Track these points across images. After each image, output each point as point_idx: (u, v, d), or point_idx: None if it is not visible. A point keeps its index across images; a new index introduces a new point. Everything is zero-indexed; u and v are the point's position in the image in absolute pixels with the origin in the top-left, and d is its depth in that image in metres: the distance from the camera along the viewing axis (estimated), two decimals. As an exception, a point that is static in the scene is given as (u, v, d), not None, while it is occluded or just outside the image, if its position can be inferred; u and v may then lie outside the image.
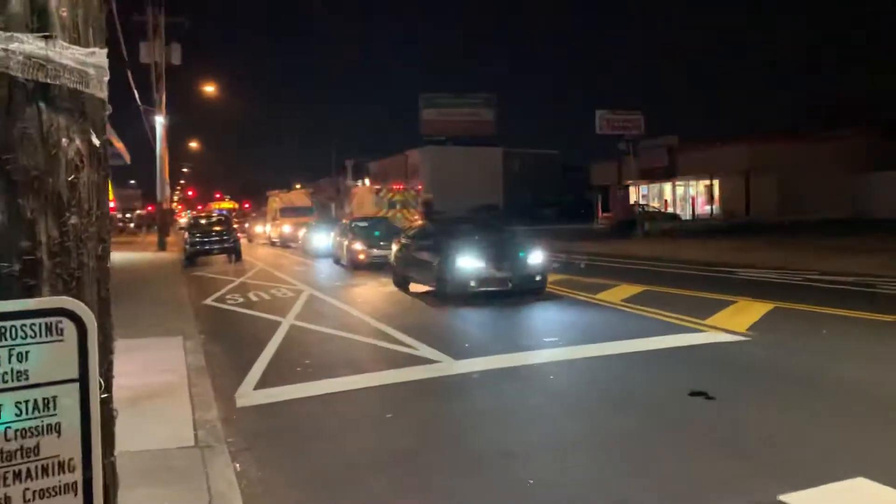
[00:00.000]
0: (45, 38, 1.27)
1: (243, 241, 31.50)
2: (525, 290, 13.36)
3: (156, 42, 30.24)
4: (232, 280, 19.27)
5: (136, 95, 27.82)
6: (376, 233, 22.90)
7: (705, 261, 19.66)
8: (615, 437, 5.71)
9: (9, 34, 1.22)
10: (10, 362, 1.21)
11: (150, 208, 62.75)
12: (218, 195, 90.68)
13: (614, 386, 7.26)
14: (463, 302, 12.83)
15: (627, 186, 48.49)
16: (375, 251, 20.71)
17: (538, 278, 13.51)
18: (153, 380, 7.26)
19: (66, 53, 1.30)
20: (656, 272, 17.13)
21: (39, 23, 1.27)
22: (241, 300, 14.93)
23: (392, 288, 16.32)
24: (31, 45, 1.24)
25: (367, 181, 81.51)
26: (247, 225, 46.33)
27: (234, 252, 26.48)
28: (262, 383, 7.63)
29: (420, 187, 42.27)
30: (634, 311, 11.61)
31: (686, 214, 48.45)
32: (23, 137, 1.25)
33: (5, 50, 1.21)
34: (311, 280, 19.04)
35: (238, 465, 5.15)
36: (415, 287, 15.51)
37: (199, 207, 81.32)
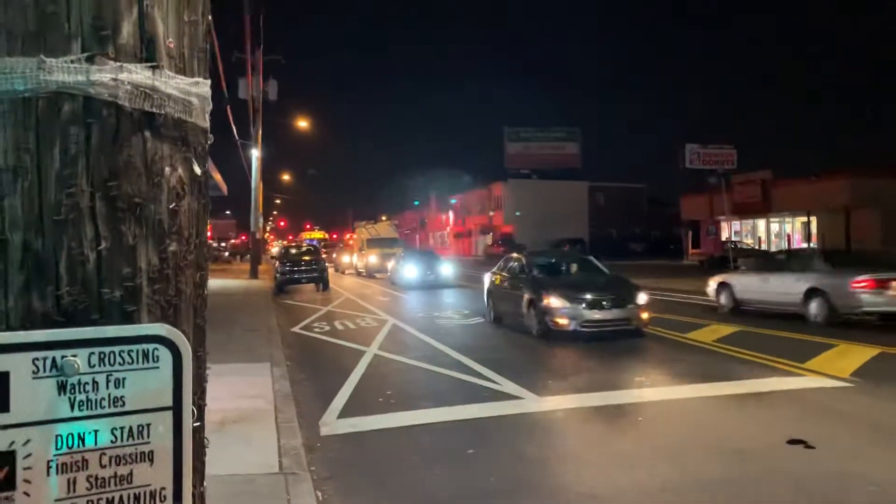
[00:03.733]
0: (153, 67, 1.29)
1: (330, 270, 32.18)
2: None
3: (254, 79, 31.63)
4: (319, 309, 19.68)
5: (234, 130, 29.10)
6: (574, 276, 14.97)
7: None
8: (706, 483, 5.43)
9: (119, 64, 1.25)
10: (107, 388, 1.21)
11: (243, 237, 65.26)
12: (308, 226, 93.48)
13: (706, 430, 6.92)
14: (548, 338, 12.59)
15: (718, 222, 46.94)
16: (593, 313, 12.46)
17: None
18: (241, 404, 7.41)
19: (171, 83, 1.32)
20: (750, 311, 16.37)
21: (147, 53, 1.30)
22: (327, 328, 15.20)
23: (475, 320, 16.23)
24: (139, 74, 1.27)
25: (451, 214, 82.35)
26: (334, 255, 47.39)
27: (322, 281, 27.10)
28: (346, 412, 7.68)
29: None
30: (727, 352, 11.12)
31: (781, 252, 46.43)
32: (127, 165, 1.27)
33: (115, 80, 1.24)
34: (395, 311, 19.19)
35: (321, 494, 5.17)
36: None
37: (290, 237, 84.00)
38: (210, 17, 1.48)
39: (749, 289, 16.17)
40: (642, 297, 12.94)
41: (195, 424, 1.32)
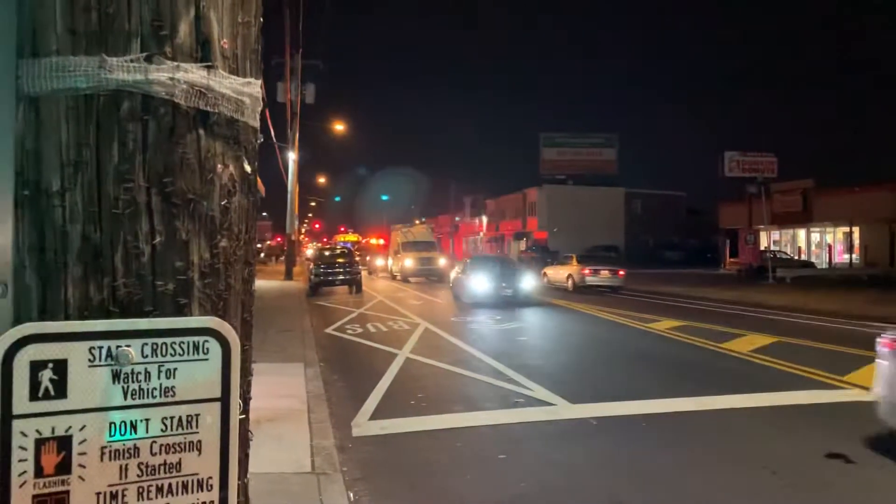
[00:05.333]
0: (208, 67, 1.33)
1: (363, 273, 32.23)
2: None
3: (292, 83, 31.98)
4: (352, 311, 19.79)
5: (272, 133, 29.44)
6: None
7: (844, 313, 18.28)
8: (741, 495, 5.33)
9: (175, 64, 1.29)
10: (158, 378, 1.25)
11: (278, 239, 66.02)
12: (342, 228, 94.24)
13: (742, 441, 6.80)
14: (580, 344, 12.49)
15: (757, 231, 46.14)
16: None
17: None
18: (275, 404, 7.49)
19: (225, 83, 1.35)
20: (789, 322, 16.10)
21: (202, 53, 1.34)
22: (359, 330, 15.28)
23: (508, 324, 16.19)
24: (194, 74, 1.30)
25: (484, 218, 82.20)
26: (368, 258, 47.47)
27: (356, 284, 27.23)
28: (377, 414, 7.72)
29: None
30: (764, 362, 10.92)
31: (822, 263, 45.47)
32: (182, 162, 1.31)
33: (172, 79, 1.27)
34: (428, 314, 19.20)
35: (352, 495, 5.19)
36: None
37: (324, 240, 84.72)
38: (262, 19, 1.52)
39: (555, 273, 30.53)
40: None
41: (240, 417, 1.35)
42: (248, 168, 1.44)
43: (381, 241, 59.54)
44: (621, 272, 28.44)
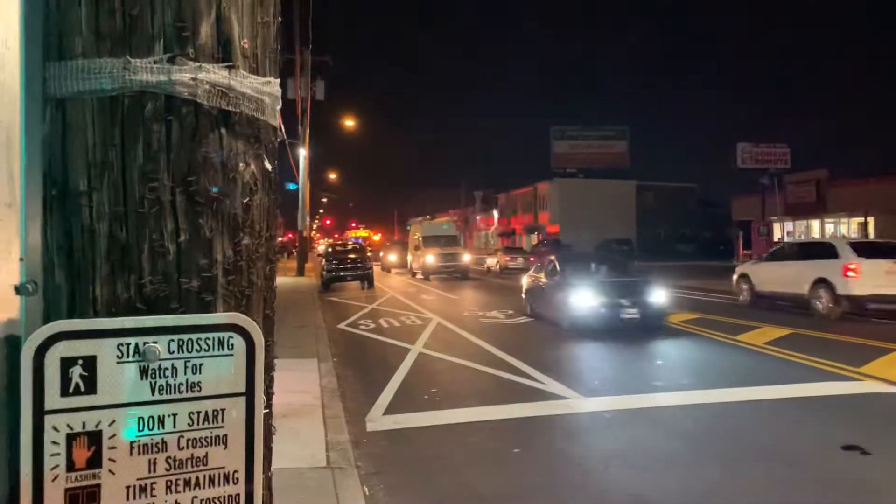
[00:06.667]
0: (229, 67, 1.35)
1: (376, 269, 32.11)
2: None
3: (302, 79, 32.02)
4: (364, 306, 19.85)
5: (283, 129, 29.48)
6: None
7: (859, 304, 18.12)
8: (757, 488, 5.32)
9: (197, 64, 1.31)
10: (185, 374, 1.27)
11: (289, 235, 66.32)
12: (353, 224, 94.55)
13: (757, 434, 6.78)
14: (590, 338, 12.51)
15: (771, 223, 45.86)
16: None
17: None
18: (289, 399, 7.54)
19: (245, 82, 1.37)
20: (803, 315, 16.00)
21: (223, 53, 1.36)
22: (372, 326, 15.33)
23: (520, 319, 16.19)
24: (216, 74, 1.33)
25: (495, 213, 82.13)
26: (381, 254, 47.12)
27: (367, 280, 27.30)
28: (391, 409, 7.75)
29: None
30: (779, 355, 10.87)
31: (836, 254, 45.06)
32: (205, 161, 1.33)
33: (194, 79, 1.29)
34: (439, 309, 19.21)
35: (367, 489, 5.23)
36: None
37: (336, 235, 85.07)
38: (280, 18, 1.53)
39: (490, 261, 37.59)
40: None
41: (264, 411, 1.37)
42: (268, 166, 1.46)
43: (372, 235, 59.16)
44: (532, 258, 37.51)
